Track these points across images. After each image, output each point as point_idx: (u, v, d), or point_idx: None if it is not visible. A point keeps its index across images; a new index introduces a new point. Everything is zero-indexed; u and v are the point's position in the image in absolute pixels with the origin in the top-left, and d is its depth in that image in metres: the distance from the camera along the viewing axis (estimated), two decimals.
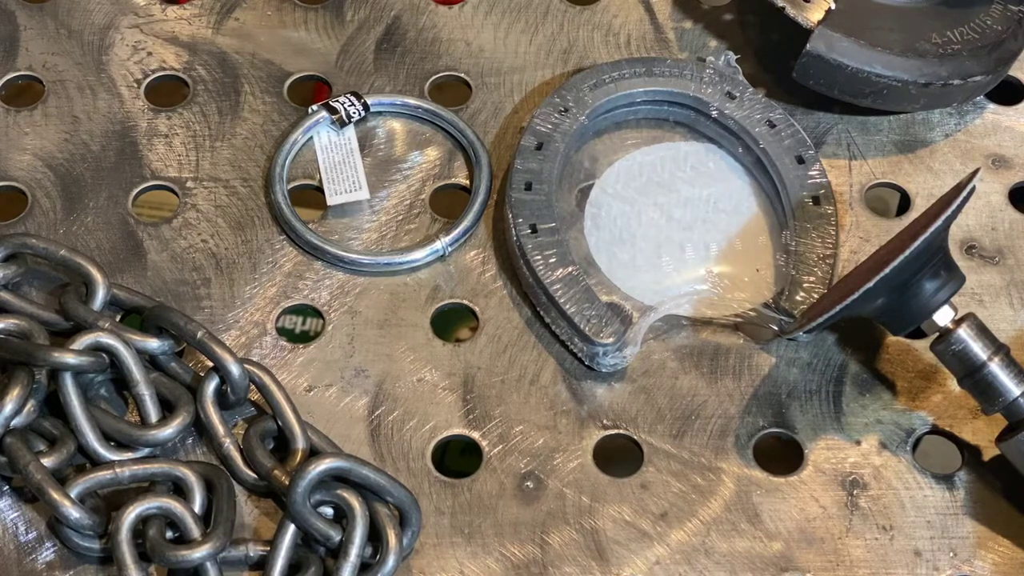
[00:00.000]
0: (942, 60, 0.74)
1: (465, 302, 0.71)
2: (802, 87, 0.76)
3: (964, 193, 0.62)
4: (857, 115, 0.78)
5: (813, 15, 0.74)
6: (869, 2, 0.76)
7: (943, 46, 0.75)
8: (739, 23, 0.83)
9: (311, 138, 0.76)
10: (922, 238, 0.60)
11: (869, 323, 0.68)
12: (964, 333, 0.63)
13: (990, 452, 0.66)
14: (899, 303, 0.64)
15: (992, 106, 0.79)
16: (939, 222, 0.61)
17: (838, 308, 0.62)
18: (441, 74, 0.80)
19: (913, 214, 0.74)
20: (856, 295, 0.61)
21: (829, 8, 0.74)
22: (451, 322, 0.72)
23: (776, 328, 0.68)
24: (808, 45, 0.73)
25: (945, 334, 0.64)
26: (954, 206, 0.61)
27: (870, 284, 0.60)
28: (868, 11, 0.76)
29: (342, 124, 0.76)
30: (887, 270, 0.60)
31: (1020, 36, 0.77)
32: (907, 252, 0.60)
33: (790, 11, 0.74)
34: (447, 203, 0.75)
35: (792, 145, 0.74)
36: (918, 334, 0.65)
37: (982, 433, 0.65)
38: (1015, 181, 0.76)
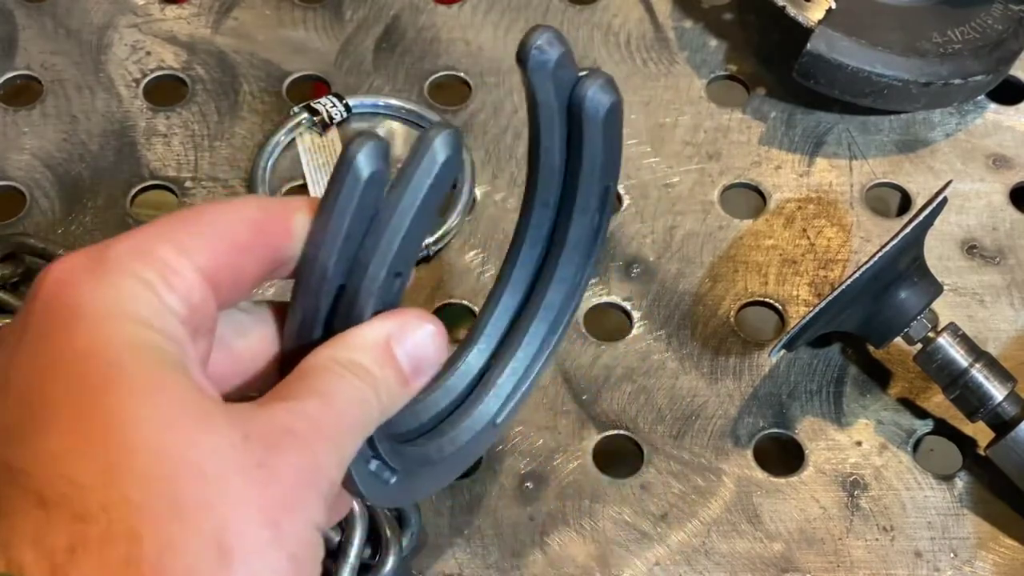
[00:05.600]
0: (943, 59, 0.74)
1: (465, 302, 0.71)
2: (802, 87, 0.76)
3: (933, 206, 0.62)
4: (858, 115, 0.78)
5: (814, 14, 0.74)
6: (870, 1, 0.76)
7: (944, 45, 0.75)
8: (739, 22, 0.83)
9: (294, 139, 0.76)
10: (882, 252, 0.60)
11: None
12: (943, 342, 0.63)
13: None
14: (876, 315, 0.63)
15: (993, 106, 0.79)
16: (899, 239, 0.60)
17: (803, 323, 0.61)
18: (440, 73, 0.80)
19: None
20: (815, 310, 0.60)
21: (830, 7, 0.74)
22: (451, 322, 0.72)
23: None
24: (808, 44, 0.73)
25: (925, 344, 0.64)
26: (921, 218, 0.61)
27: (830, 298, 0.60)
28: (869, 10, 0.76)
29: (324, 126, 0.75)
30: (846, 283, 0.60)
31: (1021, 35, 0.77)
32: (867, 266, 0.60)
33: (791, 10, 0.74)
34: (448, 203, 0.74)
35: None
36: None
37: (983, 433, 0.65)
38: (1016, 181, 0.76)
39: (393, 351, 0.41)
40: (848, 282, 0.60)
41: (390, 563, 0.60)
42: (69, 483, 0.33)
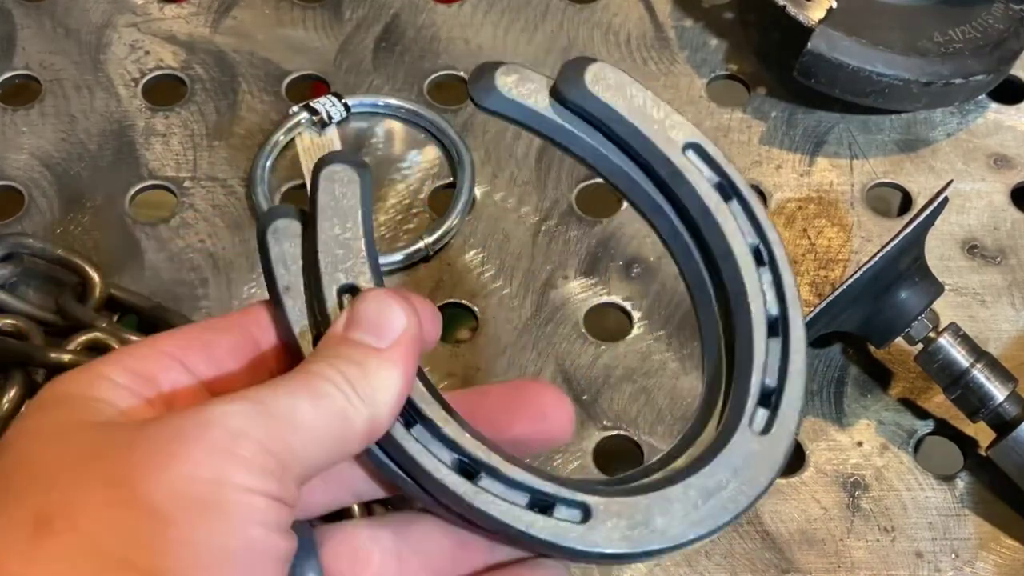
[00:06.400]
0: (944, 59, 0.74)
1: (465, 302, 0.71)
2: (803, 86, 0.76)
3: (934, 205, 0.62)
4: (858, 114, 0.78)
5: (814, 14, 0.74)
6: (871, 1, 0.76)
7: (945, 45, 0.75)
8: (740, 22, 0.83)
9: (293, 139, 0.76)
10: (883, 252, 0.60)
11: None
12: (944, 342, 0.63)
13: None
14: (876, 315, 0.63)
15: (994, 105, 0.79)
16: (900, 238, 0.60)
17: (803, 323, 0.61)
18: (440, 73, 0.80)
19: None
20: (816, 311, 0.60)
21: (830, 7, 0.74)
22: (450, 322, 0.72)
23: None
24: (809, 44, 0.73)
25: (926, 344, 0.64)
26: (922, 218, 0.61)
27: (830, 298, 0.60)
28: (869, 10, 0.75)
29: (323, 125, 0.75)
30: (847, 283, 0.60)
31: (1022, 35, 0.77)
32: (868, 266, 0.60)
33: (791, 9, 0.74)
34: (448, 203, 0.74)
35: None
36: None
37: (984, 434, 0.65)
38: (1017, 181, 0.76)
39: (343, 332, 0.41)
40: (849, 282, 0.60)
41: None
42: None
